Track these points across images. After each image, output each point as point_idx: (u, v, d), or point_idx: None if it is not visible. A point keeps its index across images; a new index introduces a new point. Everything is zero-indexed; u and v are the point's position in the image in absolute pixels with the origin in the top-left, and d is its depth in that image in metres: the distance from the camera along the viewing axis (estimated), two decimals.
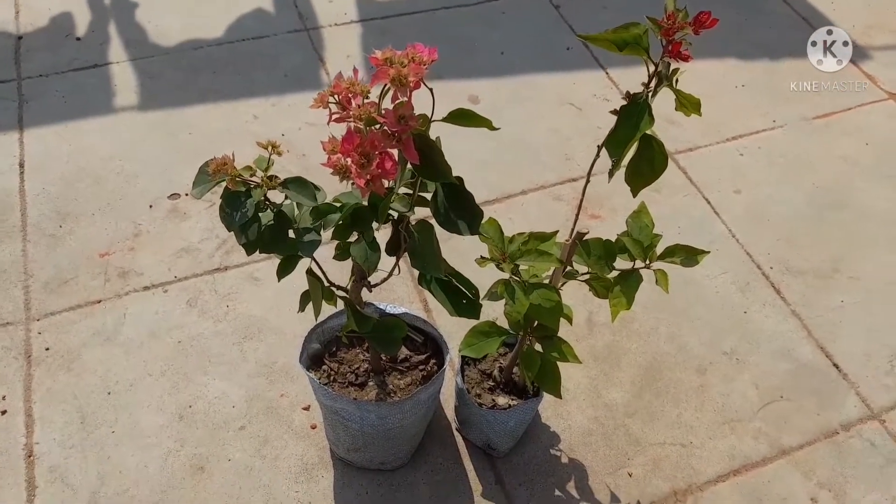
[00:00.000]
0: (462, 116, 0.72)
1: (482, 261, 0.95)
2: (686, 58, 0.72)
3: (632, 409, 1.30)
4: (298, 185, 0.79)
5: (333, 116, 0.71)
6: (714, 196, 1.66)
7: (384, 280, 0.94)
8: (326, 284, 0.94)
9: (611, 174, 0.80)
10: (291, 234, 0.82)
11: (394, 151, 0.72)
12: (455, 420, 1.26)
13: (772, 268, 1.53)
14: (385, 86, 0.69)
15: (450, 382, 1.28)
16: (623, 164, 0.81)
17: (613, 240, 0.95)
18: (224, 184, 0.78)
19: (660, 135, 0.82)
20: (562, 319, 0.98)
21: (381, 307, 1.13)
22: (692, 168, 1.72)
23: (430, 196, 0.80)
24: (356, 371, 1.12)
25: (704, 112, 0.81)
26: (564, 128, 1.79)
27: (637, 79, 0.83)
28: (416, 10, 2.07)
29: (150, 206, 1.56)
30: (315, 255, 0.85)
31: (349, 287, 0.96)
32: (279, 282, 0.88)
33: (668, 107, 0.92)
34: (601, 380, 1.34)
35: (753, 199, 1.66)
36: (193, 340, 1.35)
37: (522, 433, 1.22)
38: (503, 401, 1.14)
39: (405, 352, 1.14)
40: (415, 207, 0.83)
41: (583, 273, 0.97)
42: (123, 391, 1.28)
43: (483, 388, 1.16)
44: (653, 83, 0.73)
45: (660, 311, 1.44)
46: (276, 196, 0.81)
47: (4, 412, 1.24)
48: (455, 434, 1.25)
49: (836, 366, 1.38)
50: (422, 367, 1.13)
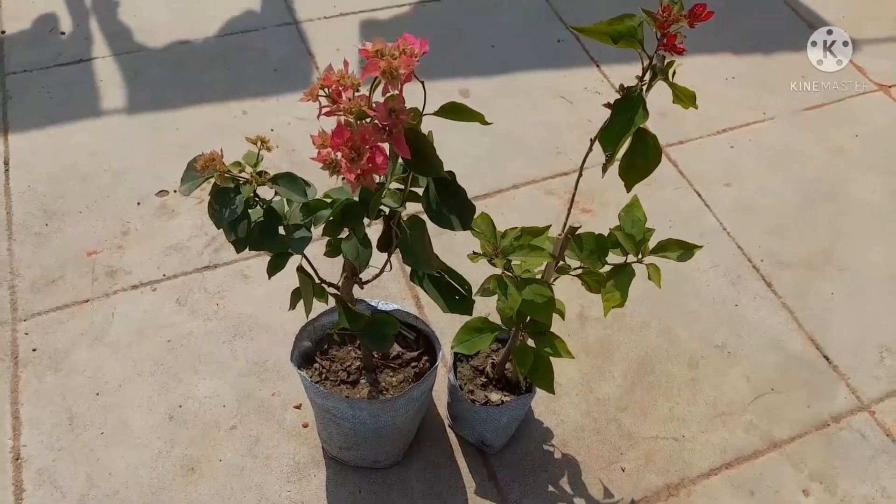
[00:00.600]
0: (454, 110, 0.72)
1: (474, 256, 0.94)
2: (681, 51, 0.71)
3: (624, 404, 1.30)
4: (288, 181, 0.78)
5: (324, 110, 0.70)
6: (705, 189, 1.66)
7: (376, 277, 0.93)
8: (317, 282, 0.93)
9: (604, 169, 0.79)
10: (282, 231, 0.81)
11: (385, 146, 0.71)
12: (448, 417, 1.25)
13: (762, 260, 1.53)
14: (376, 78, 0.68)
15: (442, 379, 1.28)
16: (616, 159, 0.81)
17: (605, 234, 0.95)
18: (212, 180, 0.76)
19: (650, 127, 0.81)
20: (554, 314, 0.98)
21: (373, 304, 1.12)
22: (683, 161, 1.72)
23: (422, 191, 0.79)
24: (348, 369, 1.11)
25: (692, 108, 0.80)
26: (555, 121, 1.79)
27: (628, 71, 0.82)
28: (405, 3, 2.05)
29: (138, 204, 1.55)
30: (306, 252, 0.84)
31: (340, 284, 0.95)
32: (270, 279, 0.87)
33: (660, 100, 0.92)
34: (593, 374, 1.34)
35: (744, 192, 1.67)
36: (183, 339, 1.34)
37: (515, 429, 1.22)
38: (496, 397, 1.14)
39: (397, 349, 1.14)
40: (406, 203, 0.82)
41: (575, 268, 0.97)
42: (112, 392, 1.26)
43: (476, 385, 1.16)
44: (647, 77, 0.72)
45: (651, 305, 1.44)
46: (266, 192, 0.80)
47: None
48: (448, 431, 1.25)
49: (827, 358, 1.39)
50: (414, 365, 1.12)
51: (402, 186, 0.82)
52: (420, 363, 1.13)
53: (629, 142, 0.78)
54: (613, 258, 0.95)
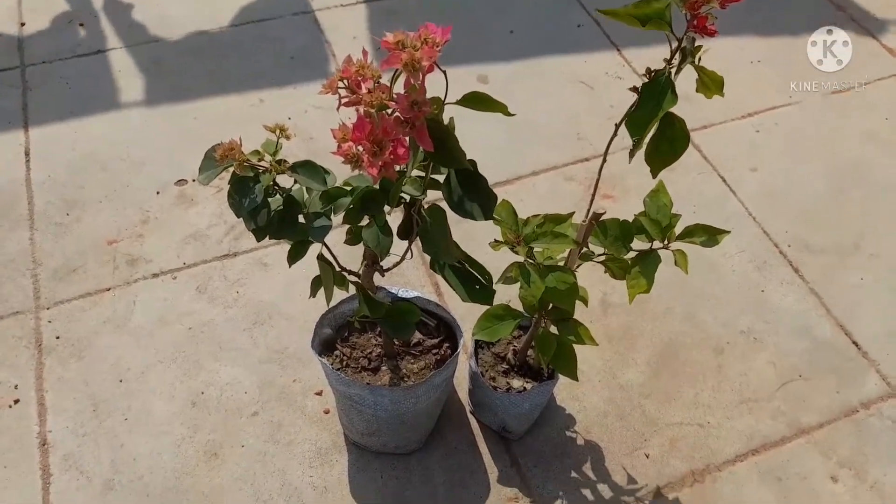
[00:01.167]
0: (477, 100, 0.70)
1: (496, 244, 0.93)
2: (712, 33, 0.69)
3: (648, 390, 1.29)
4: (308, 169, 0.78)
5: (343, 100, 0.69)
6: (729, 174, 1.63)
7: (396, 264, 0.92)
8: (338, 269, 0.92)
9: (632, 154, 0.77)
10: (301, 220, 0.81)
11: (405, 138, 0.70)
12: (469, 403, 1.25)
13: (789, 246, 1.50)
14: (397, 70, 0.66)
15: (463, 366, 1.27)
16: (643, 144, 0.79)
17: (629, 220, 0.93)
18: (231, 169, 0.76)
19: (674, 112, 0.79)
20: (577, 301, 0.97)
21: (394, 291, 1.12)
22: (707, 146, 1.68)
23: (443, 180, 0.78)
24: (369, 356, 1.11)
25: (718, 96, 0.78)
26: (575, 107, 1.76)
27: (650, 56, 0.80)
28: None
29: (158, 193, 1.55)
30: (326, 240, 0.84)
31: (361, 272, 0.95)
32: (290, 267, 0.87)
33: (683, 84, 0.89)
34: (616, 361, 1.32)
35: (770, 177, 1.63)
36: (204, 327, 1.34)
37: (538, 416, 1.21)
38: (518, 384, 1.13)
39: (418, 336, 1.13)
40: (427, 190, 0.81)
41: (599, 254, 0.95)
42: (135, 378, 1.27)
43: (497, 372, 1.15)
44: (676, 59, 0.70)
45: (675, 291, 1.41)
46: (285, 181, 0.79)
47: (17, 401, 1.24)
48: (469, 417, 1.24)
49: (856, 344, 1.36)
50: (435, 351, 1.12)
51: (423, 174, 0.81)
52: (441, 350, 1.12)
53: (656, 126, 0.76)
54: (637, 244, 0.93)
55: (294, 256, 0.86)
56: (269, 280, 1.41)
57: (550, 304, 1.00)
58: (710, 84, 0.73)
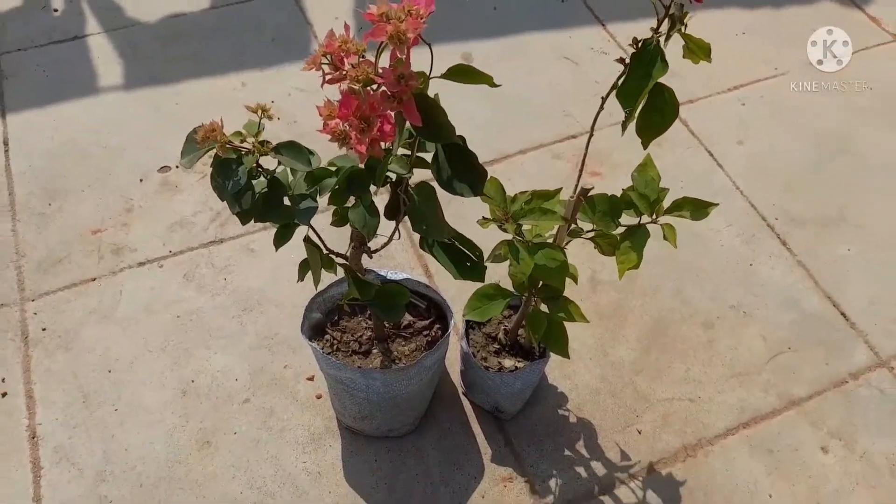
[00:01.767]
0: (462, 73, 0.69)
1: (484, 222, 0.92)
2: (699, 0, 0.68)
3: (639, 367, 1.29)
4: (292, 150, 0.76)
5: (327, 77, 0.67)
6: (716, 148, 1.63)
7: (384, 245, 0.91)
8: (325, 252, 0.91)
9: (624, 126, 0.76)
10: (287, 202, 0.79)
11: (391, 112, 0.68)
12: (461, 385, 1.25)
13: (777, 218, 1.51)
14: (381, 43, 0.65)
15: (455, 347, 1.27)
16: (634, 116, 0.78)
17: (617, 195, 0.92)
18: (214, 152, 0.74)
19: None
20: (567, 279, 0.96)
21: (383, 274, 1.11)
22: (693, 120, 1.68)
23: (431, 157, 0.77)
24: (359, 339, 1.10)
25: (705, 62, 0.77)
26: (561, 83, 1.75)
27: (635, 30, 0.79)
28: None
29: (141, 181, 1.53)
30: (312, 223, 0.82)
31: (349, 254, 0.94)
32: (276, 251, 0.86)
33: (668, 57, 0.88)
34: (607, 338, 1.32)
35: (756, 150, 1.63)
36: (192, 315, 1.33)
37: (530, 395, 1.21)
38: (509, 363, 1.13)
39: (408, 318, 1.12)
40: (413, 169, 0.80)
41: (587, 231, 0.95)
42: (124, 369, 1.26)
43: (489, 352, 1.15)
44: (664, 28, 0.69)
45: (664, 267, 1.42)
46: (270, 163, 0.77)
47: (5, 394, 1.22)
48: (462, 398, 1.24)
49: (844, 315, 1.37)
50: (426, 333, 1.11)
51: (409, 152, 0.80)
52: (432, 331, 1.11)
53: (646, 97, 0.75)
54: (626, 219, 0.93)
55: (280, 240, 0.85)
56: (257, 266, 1.40)
57: (540, 283, 0.99)
58: (697, 50, 0.72)
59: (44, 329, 1.30)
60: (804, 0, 1.93)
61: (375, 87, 0.67)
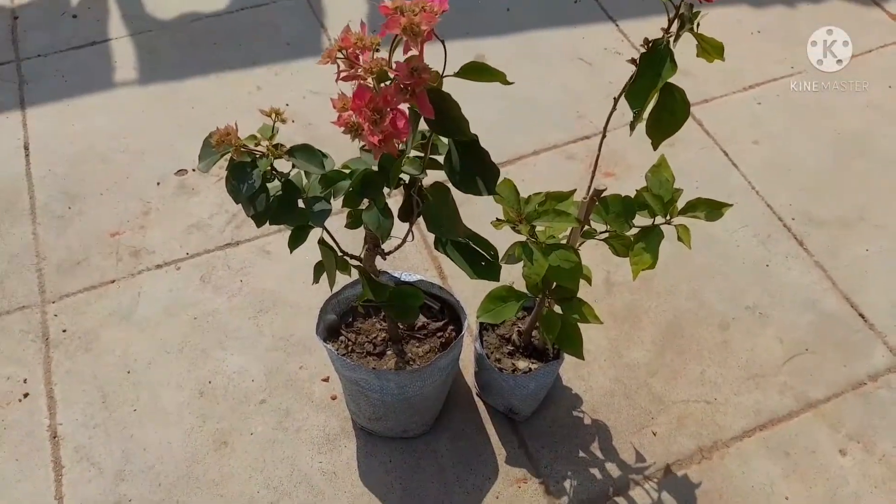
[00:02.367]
0: (475, 70, 0.69)
1: (498, 223, 0.92)
2: None
3: (654, 368, 1.28)
4: (305, 153, 0.77)
5: (342, 73, 0.68)
6: (732, 148, 1.62)
7: (398, 247, 0.92)
8: (340, 254, 0.92)
9: (632, 126, 0.77)
10: (301, 204, 0.80)
11: (405, 110, 0.69)
12: (475, 386, 1.25)
13: (794, 219, 1.49)
14: (395, 38, 0.66)
15: (468, 348, 1.27)
16: (643, 117, 0.78)
17: (631, 196, 0.92)
18: (229, 155, 0.75)
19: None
20: (581, 280, 0.96)
21: (397, 276, 1.11)
22: (708, 120, 1.67)
23: (443, 157, 0.77)
24: (374, 341, 1.10)
25: (719, 61, 0.77)
26: (575, 84, 1.74)
27: (648, 29, 0.79)
28: None
29: (158, 184, 1.55)
30: (326, 225, 0.83)
31: (363, 256, 0.94)
32: (291, 253, 0.87)
33: (681, 58, 0.88)
34: (621, 340, 1.32)
35: (773, 150, 1.62)
36: (209, 316, 1.34)
37: (544, 396, 1.21)
38: (523, 365, 1.13)
39: (422, 319, 1.13)
40: (426, 170, 0.80)
41: (601, 232, 0.95)
42: (142, 370, 1.28)
43: (502, 353, 1.15)
44: (674, 27, 0.69)
45: (679, 269, 1.41)
46: (284, 166, 0.78)
47: (27, 395, 1.25)
48: (476, 400, 1.25)
49: (862, 316, 1.35)
50: (440, 334, 1.12)
51: (422, 154, 0.80)
52: (446, 333, 1.12)
53: (656, 97, 0.75)
54: (640, 220, 0.92)
55: (295, 242, 0.85)
56: (273, 268, 1.41)
57: (554, 284, 0.99)
58: (711, 49, 0.72)
59: (64, 330, 1.32)
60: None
61: (390, 82, 0.68)
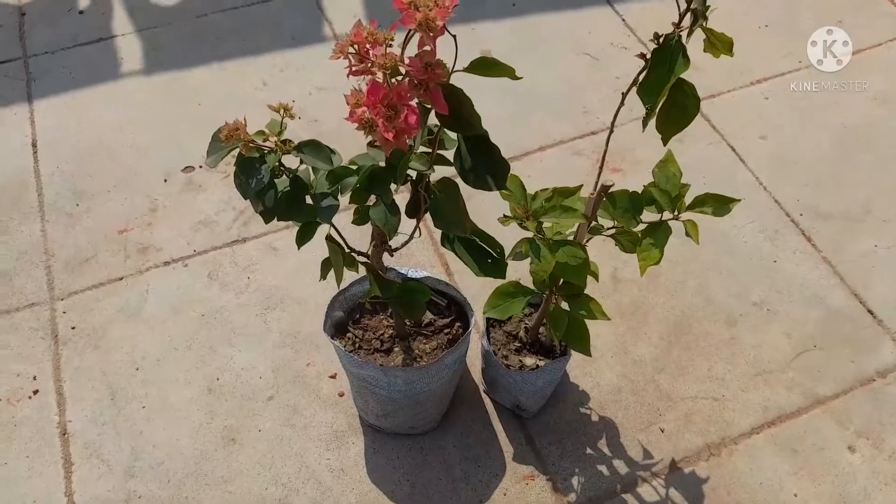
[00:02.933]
0: (484, 66, 0.69)
1: (505, 219, 0.92)
2: None
3: (661, 365, 1.28)
4: (313, 149, 0.77)
5: (353, 68, 0.68)
6: (739, 143, 1.61)
7: (406, 243, 0.92)
8: (347, 251, 0.92)
9: (645, 122, 0.76)
10: (309, 200, 0.80)
11: (416, 106, 0.69)
12: (482, 382, 1.25)
13: (801, 214, 1.49)
14: (408, 34, 0.66)
15: (475, 345, 1.27)
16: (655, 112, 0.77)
17: (638, 192, 0.92)
18: (237, 151, 0.75)
19: None
20: (588, 276, 0.96)
21: (403, 272, 1.11)
22: (715, 115, 1.66)
23: (453, 154, 0.77)
24: (381, 337, 1.11)
25: (726, 56, 0.76)
26: (581, 79, 1.74)
27: (655, 24, 0.78)
28: None
29: (165, 181, 1.55)
30: (334, 221, 0.83)
31: (370, 252, 0.94)
32: (299, 249, 0.87)
33: (689, 52, 0.88)
34: (629, 336, 1.32)
35: (780, 145, 1.61)
36: (217, 313, 1.35)
37: (551, 393, 1.21)
38: (530, 361, 1.13)
39: (429, 316, 1.13)
40: (434, 166, 0.80)
41: (608, 228, 0.95)
42: (151, 367, 1.28)
43: (509, 350, 1.15)
44: (686, 22, 0.68)
45: (686, 265, 1.40)
46: (292, 162, 0.78)
47: (36, 392, 1.25)
48: (483, 396, 1.25)
49: (871, 312, 1.35)
50: (447, 331, 1.12)
51: (429, 149, 0.80)
52: (453, 329, 1.12)
53: (667, 93, 0.74)
54: (647, 216, 0.92)
55: (302, 238, 0.85)
56: (280, 264, 1.41)
57: (561, 280, 0.99)
58: (719, 45, 0.71)
59: (73, 328, 1.33)
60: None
61: (402, 77, 0.68)
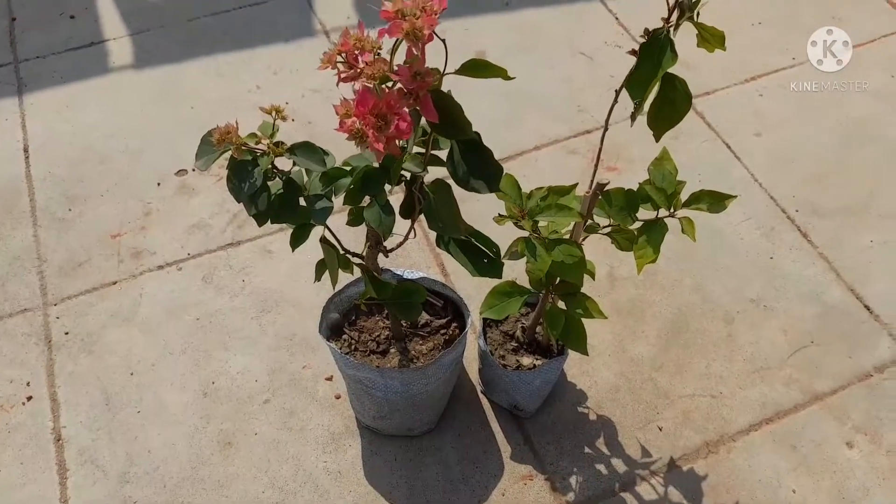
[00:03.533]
0: (475, 67, 0.69)
1: (500, 219, 0.92)
2: None
3: (659, 363, 1.28)
4: (306, 151, 0.76)
5: (342, 76, 0.67)
6: (734, 140, 1.61)
7: (400, 244, 0.91)
8: (342, 252, 0.91)
9: (633, 117, 0.76)
10: (302, 202, 0.80)
11: (407, 111, 0.68)
12: (480, 383, 1.24)
13: (797, 210, 1.48)
14: (396, 40, 0.65)
15: (472, 345, 1.26)
16: (644, 108, 0.77)
17: (632, 189, 0.91)
18: (229, 154, 0.75)
19: None
20: (584, 275, 0.96)
21: (399, 273, 1.11)
22: (710, 112, 1.66)
23: (446, 155, 0.76)
24: (377, 339, 1.10)
25: (721, 52, 0.76)
26: (576, 78, 1.73)
27: (649, 22, 0.78)
28: None
29: (158, 184, 1.54)
30: (328, 223, 0.83)
31: (365, 253, 0.94)
32: (293, 252, 0.86)
33: (683, 49, 0.87)
34: (626, 335, 1.31)
35: (776, 141, 1.61)
36: (211, 317, 1.34)
37: (549, 392, 1.21)
38: (527, 361, 1.12)
39: (425, 317, 1.12)
40: (428, 167, 0.80)
41: (604, 226, 0.94)
42: (145, 371, 1.27)
43: (506, 350, 1.14)
44: (674, 16, 0.68)
45: (683, 262, 1.40)
46: (285, 164, 0.78)
47: (30, 398, 1.24)
48: (480, 397, 1.24)
49: (868, 307, 1.35)
50: (443, 332, 1.11)
51: (423, 150, 0.80)
52: (449, 330, 1.11)
53: (657, 89, 0.74)
54: (643, 214, 0.92)
55: (297, 240, 0.85)
56: (275, 267, 1.41)
57: (558, 279, 0.99)
58: (711, 39, 0.71)
59: (66, 333, 1.32)
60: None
61: (391, 85, 0.67)
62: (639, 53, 0.72)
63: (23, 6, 1.90)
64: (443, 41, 0.67)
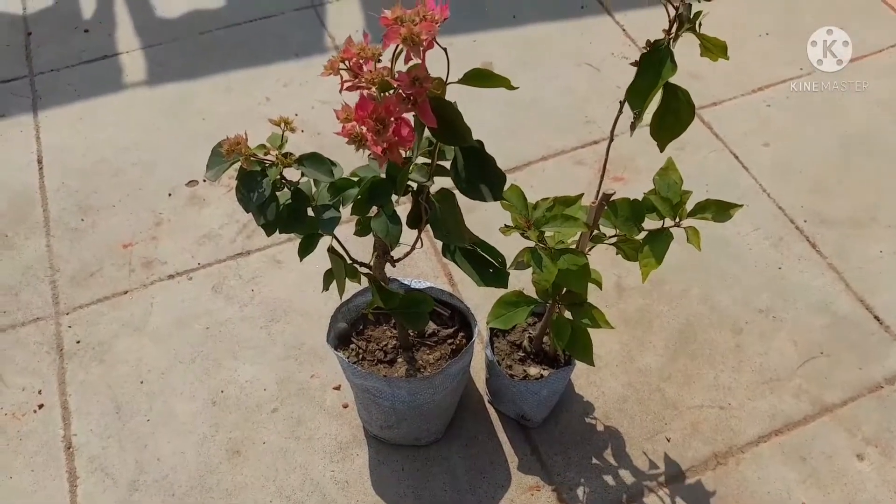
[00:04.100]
0: (479, 77, 0.69)
1: (506, 229, 0.92)
2: None
3: (667, 374, 1.27)
4: (314, 161, 0.77)
5: (345, 84, 0.69)
6: (741, 150, 1.61)
7: (407, 254, 0.92)
8: (349, 262, 0.92)
9: (633, 127, 0.76)
10: (310, 213, 0.81)
11: (410, 118, 0.69)
12: (487, 393, 1.24)
13: (805, 220, 1.48)
14: (397, 48, 0.66)
15: (479, 355, 1.27)
16: (646, 120, 0.77)
17: (638, 200, 0.92)
18: (239, 164, 0.76)
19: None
20: (591, 285, 0.96)
21: (406, 283, 1.12)
22: (717, 123, 1.66)
23: (450, 164, 0.77)
24: (384, 348, 1.11)
25: (727, 63, 0.76)
26: (582, 89, 1.74)
27: (656, 34, 0.79)
28: None
29: (169, 195, 1.56)
30: (336, 233, 0.83)
31: (372, 263, 0.95)
32: (301, 262, 0.87)
33: (690, 60, 0.88)
34: (634, 345, 1.31)
35: (783, 151, 1.61)
36: (221, 326, 1.35)
37: (556, 403, 1.21)
38: (534, 371, 1.13)
39: (433, 326, 1.13)
40: (434, 177, 0.81)
41: (610, 236, 0.95)
42: (156, 380, 1.28)
43: (513, 360, 1.14)
44: (674, 28, 0.69)
45: (691, 272, 1.40)
46: (293, 175, 0.79)
47: (42, 406, 1.26)
48: (488, 407, 1.24)
49: (877, 318, 1.34)
50: (450, 341, 1.12)
51: (429, 161, 0.81)
52: (456, 340, 1.12)
53: (659, 100, 0.74)
54: (649, 224, 0.92)
55: (305, 250, 0.86)
56: (283, 277, 1.42)
57: (564, 289, 0.99)
58: (713, 48, 0.71)
59: (78, 342, 1.33)
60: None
61: (392, 91, 0.68)
62: (640, 64, 0.73)
63: (38, 22, 1.93)
64: (444, 49, 0.68)
